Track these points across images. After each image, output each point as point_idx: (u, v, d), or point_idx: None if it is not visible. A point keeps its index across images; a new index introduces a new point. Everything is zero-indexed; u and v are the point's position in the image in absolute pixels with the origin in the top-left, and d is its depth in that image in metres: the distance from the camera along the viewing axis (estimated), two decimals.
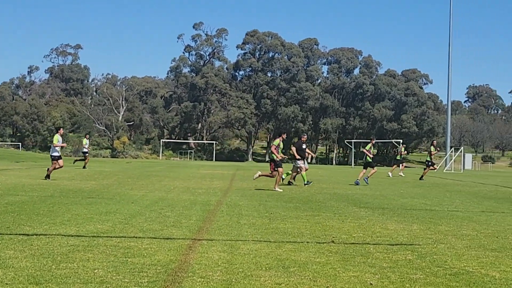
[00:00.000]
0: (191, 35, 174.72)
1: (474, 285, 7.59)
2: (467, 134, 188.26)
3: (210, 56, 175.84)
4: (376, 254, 9.66)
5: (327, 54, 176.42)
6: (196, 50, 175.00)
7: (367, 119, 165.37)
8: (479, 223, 14.65)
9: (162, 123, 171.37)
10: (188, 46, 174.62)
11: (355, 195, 24.30)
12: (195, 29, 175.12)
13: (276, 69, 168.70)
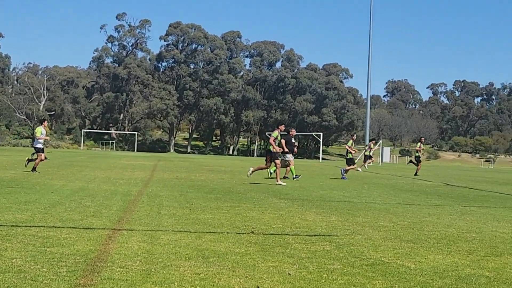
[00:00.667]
0: (114, 26, 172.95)
1: (389, 275, 7.67)
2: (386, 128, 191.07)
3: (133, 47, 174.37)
4: (295, 245, 9.70)
5: (249, 47, 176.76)
6: (119, 41, 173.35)
7: (288, 112, 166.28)
8: (395, 215, 14.85)
9: (84, 113, 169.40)
10: (111, 37, 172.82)
11: (275, 186, 24.39)
12: (118, 19, 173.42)
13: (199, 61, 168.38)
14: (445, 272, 7.99)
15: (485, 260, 8.97)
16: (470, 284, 7.31)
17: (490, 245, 10.39)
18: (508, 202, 21.05)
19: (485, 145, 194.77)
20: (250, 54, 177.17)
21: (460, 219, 14.46)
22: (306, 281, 7.19)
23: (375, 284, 7.15)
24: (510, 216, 15.73)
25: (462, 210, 16.98)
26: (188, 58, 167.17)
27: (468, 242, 10.66)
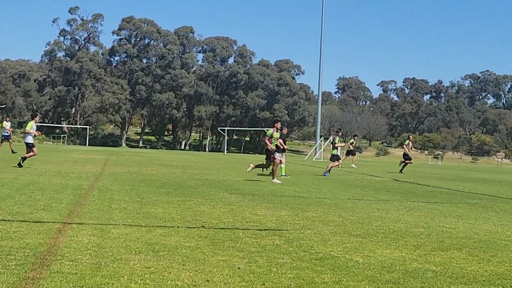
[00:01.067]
0: (67, 19, 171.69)
1: (338, 269, 7.71)
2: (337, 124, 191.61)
3: (86, 41, 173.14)
4: (245, 239, 9.71)
5: (202, 42, 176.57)
6: (72, 35, 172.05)
7: (240, 108, 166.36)
8: (345, 210, 14.93)
9: (35, 107, 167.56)
10: (63, 30, 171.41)
11: (226, 181, 24.41)
12: (70, 13, 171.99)
13: (152, 55, 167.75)
14: (392, 266, 8.05)
15: (432, 254, 9.05)
16: (417, 278, 7.37)
17: (437, 240, 10.50)
18: (455, 197, 21.29)
19: (434, 142, 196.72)
20: (202, 49, 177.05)
21: (408, 214, 14.59)
22: (255, 275, 7.20)
23: (324, 278, 7.18)
24: (457, 212, 15.92)
25: (410, 206, 17.14)
26: (141, 52, 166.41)
27: (415, 237, 10.76)
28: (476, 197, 21.99)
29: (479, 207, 17.90)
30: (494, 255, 9.18)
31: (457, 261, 8.62)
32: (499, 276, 7.72)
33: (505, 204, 19.45)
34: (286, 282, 6.92)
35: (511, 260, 8.87)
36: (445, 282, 7.23)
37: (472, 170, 64.89)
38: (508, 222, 13.87)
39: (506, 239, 11.04)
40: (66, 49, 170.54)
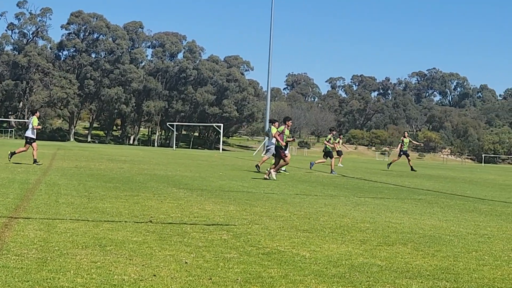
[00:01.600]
0: (15, 13, 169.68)
1: (285, 264, 7.72)
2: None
3: (34, 35, 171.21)
4: (193, 234, 9.67)
5: (151, 37, 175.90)
6: (20, 29, 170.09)
7: (189, 103, 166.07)
8: (292, 205, 14.97)
9: None
10: (11, 24, 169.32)
11: (175, 176, 24.33)
12: (18, 7, 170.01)
13: (101, 50, 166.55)
14: (338, 261, 8.09)
15: (377, 249, 9.11)
16: (363, 273, 7.42)
17: (383, 235, 10.57)
18: (401, 193, 21.49)
19: (381, 138, 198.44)
20: (152, 44, 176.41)
21: (355, 210, 14.68)
22: (202, 270, 7.17)
23: (270, 272, 7.18)
24: (403, 207, 16.06)
25: (357, 201, 17.25)
26: (90, 47, 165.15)
27: (361, 232, 10.83)
28: (422, 193, 22.22)
29: (424, 202, 18.08)
30: (439, 250, 9.28)
31: (402, 255, 8.69)
32: (443, 270, 7.80)
33: (450, 199, 19.67)
34: (233, 276, 6.91)
35: (455, 254, 8.97)
36: (390, 277, 7.28)
37: (418, 166, 65.46)
38: (453, 217, 14.03)
39: (451, 234, 11.16)
40: (14, 43, 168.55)
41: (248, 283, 6.63)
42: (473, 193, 23.53)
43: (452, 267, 8.05)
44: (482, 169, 74.75)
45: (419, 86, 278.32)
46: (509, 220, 14.18)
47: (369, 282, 6.93)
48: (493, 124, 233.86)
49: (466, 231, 11.66)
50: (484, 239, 10.68)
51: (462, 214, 14.98)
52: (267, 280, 6.78)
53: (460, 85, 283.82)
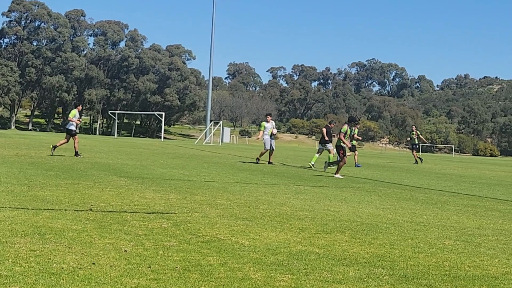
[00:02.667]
0: None
1: (224, 252, 7.72)
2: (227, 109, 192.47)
3: None
4: (133, 222, 9.62)
5: (93, 26, 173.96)
6: None
7: (131, 91, 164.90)
8: (233, 193, 14.98)
9: None
10: None
11: (116, 164, 24.16)
12: None
13: (42, 38, 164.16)
14: (277, 248, 8.11)
15: (316, 237, 9.16)
16: (301, 260, 7.45)
17: (321, 223, 10.63)
18: (340, 182, 21.65)
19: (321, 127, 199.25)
20: (94, 33, 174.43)
21: (294, 198, 14.75)
22: (141, 258, 7.14)
23: (210, 260, 7.17)
24: (341, 195, 16.19)
25: (296, 189, 17.33)
26: (31, 35, 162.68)
27: (300, 220, 10.88)
28: (360, 181, 22.43)
29: (362, 191, 18.26)
30: (376, 238, 9.37)
31: (340, 243, 8.75)
32: (379, 257, 7.87)
33: (388, 188, 19.89)
34: (172, 264, 6.88)
35: (391, 242, 9.06)
36: (328, 264, 7.33)
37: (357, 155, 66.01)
38: (390, 206, 14.18)
39: (388, 222, 11.28)
40: None
41: (187, 271, 6.62)
42: (410, 182, 23.83)
43: (388, 254, 8.13)
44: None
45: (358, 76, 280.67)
46: (444, 208, 14.39)
47: (307, 270, 6.96)
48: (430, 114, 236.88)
49: (403, 219, 11.80)
50: (420, 227, 10.82)
51: (399, 203, 15.16)
52: (206, 268, 6.77)
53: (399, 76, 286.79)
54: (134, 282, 6.03)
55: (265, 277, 6.49)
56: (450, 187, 21.90)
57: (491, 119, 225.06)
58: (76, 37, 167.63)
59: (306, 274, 6.74)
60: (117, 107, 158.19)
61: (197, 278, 6.31)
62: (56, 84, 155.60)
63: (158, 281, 6.14)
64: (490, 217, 13.03)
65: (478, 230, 10.81)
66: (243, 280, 6.34)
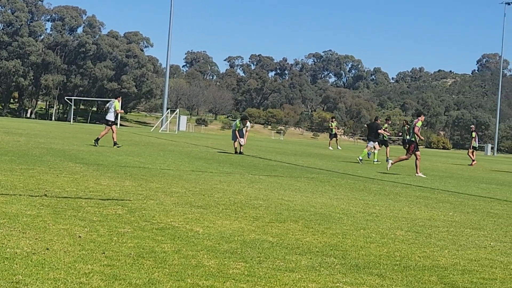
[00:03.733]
0: None
1: (178, 239, 7.72)
2: (184, 97, 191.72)
3: None
4: (88, 208, 9.58)
5: (51, 11, 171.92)
6: None
7: (88, 78, 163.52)
8: (188, 181, 14.97)
9: None
10: None
11: (71, 150, 23.99)
12: None
13: None
14: (231, 236, 8.14)
15: (269, 226, 9.21)
16: (254, 248, 7.48)
17: (275, 212, 10.68)
18: (295, 172, 21.74)
19: (277, 117, 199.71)
20: (51, 18, 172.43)
21: (249, 187, 14.79)
22: (96, 244, 7.12)
23: (164, 247, 7.18)
24: (296, 185, 16.27)
25: (251, 178, 17.37)
26: None
27: (255, 209, 10.91)
28: (315, 172, 22.55)
29: (317, 181, 18.36)
30: (328, 227, 9.44)
31: (293, 232, 8.81)
32: (331, 247, 7.94)
33: (341, 178, 20.03)
34: (126, 251, 6.87)
35: (344, 232, 9.14)
36: (281, 253, 7.37)
37: (312, 146, 66.25)
38: (343, 196, 14.29)
39: (341, 212, 11.37)
40: None
41: (141, 257, 6.62)
42: (364, 173, 24.01)
43: (340, 244, 8.21)
44: None
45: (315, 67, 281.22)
46: (397, 199, 14.55)
47: (260, 258, 7.00)
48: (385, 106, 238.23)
49: (356, 210, 11.90)
50: (372, 218, 10.93)
51: (352, 193, 15.28)
52: (160, 255, 6.77)
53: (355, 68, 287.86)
54: (88, 268, 6.02)
55: (218, 265, 6.52)
56: (403, 179, 22.12)
57: (444, 112, 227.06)
58: (34, 21, 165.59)
59: (259, 262, 6.78)
60: (74, 93, 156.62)
61: (151, 265, 6.32)
62: (12, 69, 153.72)
63: (111, 267, 6.13)
64: (441, 208, 13.20)
65: (429, 222, 10.95)
66: (196, 267, 6.36)
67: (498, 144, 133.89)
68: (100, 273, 5.88)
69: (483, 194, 17.93)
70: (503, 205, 14.97)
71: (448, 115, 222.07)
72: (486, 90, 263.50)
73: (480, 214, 12.64)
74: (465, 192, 18.44)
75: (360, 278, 6.41)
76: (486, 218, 12.11)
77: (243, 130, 31.31)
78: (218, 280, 5.92)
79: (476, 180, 25.16)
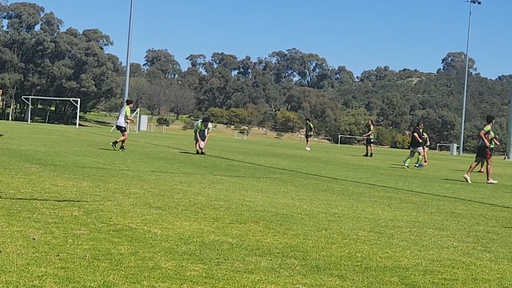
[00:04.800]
0: None
1: (135, 241, 7.69)
2: (145, 96, 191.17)
3: None
4: (43, 210, 9.50)
5: (8, 8, 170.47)
6: None
7: (46, 76, 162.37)
8: (147, 182, 14.93)
9: None
10: None
11: (28, 151, 23.80)
12: None
13: None
14: (190, 238, 8.12)
15: (229, 227, 9.21)
16: (213, 250, 7.47)
17: (236, 213, 10.68)
18: (257, 172, 21.77)
19: (240, 117, 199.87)
20: (8, 15, 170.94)
21: (210, 187, 14.78)
22: (50, 246, 7.06)
23: (120, 249, 7.14)
24: (258, 186, 16.29)
25: (212, 179, 17.36)
26: None
27: (215, 210, 10.91)
28: (278, 172, 22.60)
29: (279, 181, 18.40)
30: (290, 228, 9.45)
31: (253, 233, 8.81)
32: (292, 248, 7.95)
33: (304, 179, 20.09)
34: (82, 253, 6.83)
35: (305, 233, 9.16)
36: (240, 254, 7.37)
37: (276, 146, 66.43)
38: (306, 196, 14.33)
39: (302, 213, 11.40)
40: None
41: (97, 259, 6.58)
42: (327, 173, 24.11)
43: (301, 245, 8.22)
44: (337, 149, 76.51)
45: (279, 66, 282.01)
46: (360, 199, 14.62)
47: (219, 259, 6.99)
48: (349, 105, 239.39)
49: (318, 210, 11.94)
50: (334, 218, 10.97)
51: (315, 193, 15.33)
52: (116, 257, 6.74)
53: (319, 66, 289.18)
54: (41, 271, 5.96)
55: (176, 267, 6.50)
56: (367, 179, 22.25)
57: (409, 111, 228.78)
58: None
59: (218, 264, 6.77)
60: (31, 92, 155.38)
61: (106, 267, 6.28)
62: None
63: (66, 269, 6.09)
64: (404, 209, 13.29)
65: (392, 222, 11.02)
66: (153, 269, 6.33)
67: (463, 143, 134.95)
68: (53, 275, 5.84)
69: (447, 194, 18.09)
70: (467, 205, 15.11)
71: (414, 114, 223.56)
72: (451, 89, 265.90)
73: (444, 214, 12.74)
74: (429, 192, 18.59)
75: (320, 280, 6.43)
76: (450, 218, 12.21)
77: (204, 132, 31.17)
78: (175, 283, 5.90)
79: (440, 180, 25.37)
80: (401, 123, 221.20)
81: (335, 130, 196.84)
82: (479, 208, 14.66)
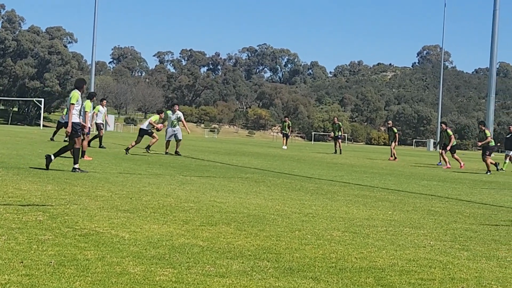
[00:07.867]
0: None
1: (102, 245, 7.66)
2: (111, 95, 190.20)
3: None
4: (6, 215, 9.44)
5: None
6: None
7: (8, 76, 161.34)
8: (115, 184, 14.87)
9: None
10: None
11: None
12: None
13: None
14: (159, 241, 8.11)
15: (200, 229, 9.20)
16: (183, 254, 7.47)
17: (207, 215, 10.68)
18: (228, 172, 21.77)
19: (210, 115, 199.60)
20: None
21: (180, 189, 14.75)
22: (13, 252, 7.02)
23: (87, 254, 7.12)
24: (229, 186, 16.29)
25: (182, 180, 17.34)
26: None
27: (185, 212, 10.89)
28: (249, 171, 22.61)
29: (251, 181, 18.41)
30: (262, 230, 9.46)
31: (224, 235, 8.81)
32: (265, 250, 7.96)
33: (277, 178, 20.10)
34: (46, 259, 6.80)
35: (278, 234, 9.18)
36: (211, 257, 7.37)
37: (248, 144, 66.51)
38: (279, 196, 14.35)
39: (275, 213, 11.41)
40: None
41: (62, 266, 6.55)
42: (300, 172, 24.15)
43: (274, 246, 8.24)
44: (311, 147, 76.72)
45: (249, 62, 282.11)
46: (334, 198, 14.66)
47: (189, 263, 6.99)
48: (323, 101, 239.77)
49: (291, 210, 11.96)
50: (308, 218, 10.99)
51: (288, 193, 15.35)
52: (83, 263, 6.71)
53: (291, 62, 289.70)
54: (5, 278, 5.93)
55: (144, 272, 6.49)
56: (341, 177, 22.31)
57: (384, 107, 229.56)
58: None
59: (188, 268, 6.77)
60: None
61: (72, 273, 6.26)
62: None
63: (30, 276, 6.06)
64: (380, 207, 13.34)
65: (367, 221, 11.06)
66: (121, 275, 6.32)
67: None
68: (17, 283, 5.81)
69: (424, 192, 18.19)
70: (444, 203, 15.19)
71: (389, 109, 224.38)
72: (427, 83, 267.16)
73: (420, 212, 12.81)
74: (405, 189, 18.67)
75: (293, 282, 6.45)
76: (427, 216, 12.28)
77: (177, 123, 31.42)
78: None
79: (417, 177, 25.50)
80: (376, 119, 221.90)
81: (308, 127, 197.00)
82: (457, 205, 14.75)
